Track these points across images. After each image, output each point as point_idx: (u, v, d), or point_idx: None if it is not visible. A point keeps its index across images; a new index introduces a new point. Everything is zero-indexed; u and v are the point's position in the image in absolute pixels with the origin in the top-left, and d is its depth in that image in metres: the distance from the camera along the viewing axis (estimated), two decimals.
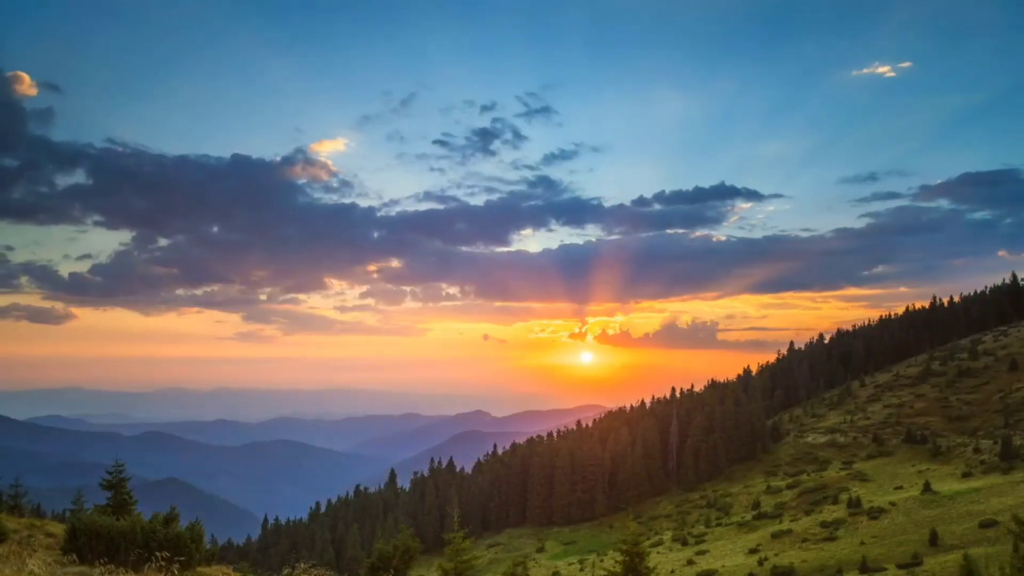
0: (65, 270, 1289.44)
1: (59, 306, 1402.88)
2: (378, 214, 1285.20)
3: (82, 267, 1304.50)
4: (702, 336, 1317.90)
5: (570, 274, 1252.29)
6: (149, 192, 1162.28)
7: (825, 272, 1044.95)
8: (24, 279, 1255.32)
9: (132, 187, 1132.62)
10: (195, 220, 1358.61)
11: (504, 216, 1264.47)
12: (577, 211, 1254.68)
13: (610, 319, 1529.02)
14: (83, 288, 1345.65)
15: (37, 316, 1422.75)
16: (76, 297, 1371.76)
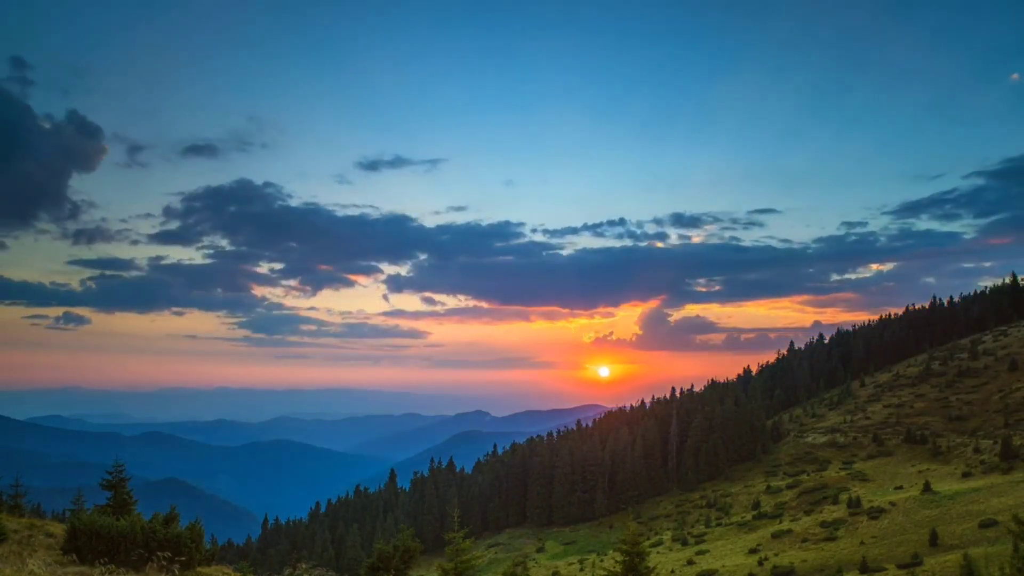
0: (91, 282, 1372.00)
1: (78, 311, 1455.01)
2: (379, 224, 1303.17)
3: (105, 277, 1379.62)
4: (687, 338, 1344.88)
5: (569, 279, 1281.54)
6: (170, 214, 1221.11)
7: (796, 279, 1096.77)
8: (50, 289, 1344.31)
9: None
10: (208, 236, 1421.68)
11: (503, 230, 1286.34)
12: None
13: (606, 321, 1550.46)
14: (102, 297, 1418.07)
15: (55, 322, 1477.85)
16: (92, 304, 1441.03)
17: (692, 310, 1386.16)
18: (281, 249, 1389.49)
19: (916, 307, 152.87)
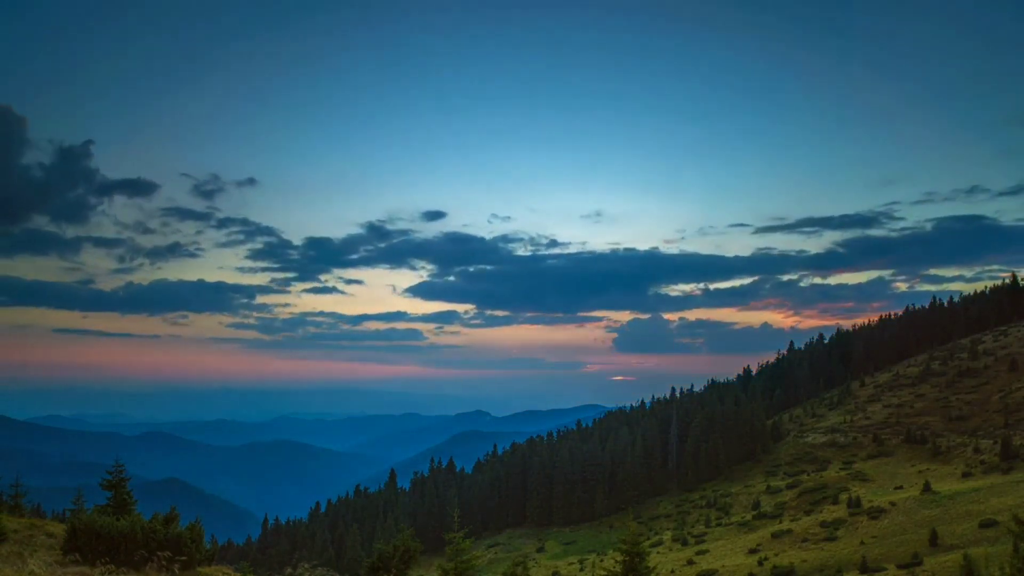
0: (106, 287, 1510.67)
1: (94, 316, 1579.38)
2: (383, 234, 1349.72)
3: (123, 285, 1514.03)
4: (679, 340, 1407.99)
5: (569, 283, 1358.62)
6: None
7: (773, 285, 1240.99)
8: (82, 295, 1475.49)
9: None
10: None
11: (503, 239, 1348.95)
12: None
13: (604, 323, 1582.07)
14: (117, 301, 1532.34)
15: (62, 323, 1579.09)
16: (107, 308, 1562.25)
17: (681, 314, 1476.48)
18: (284, 259, 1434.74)
19: (916, 307, 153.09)
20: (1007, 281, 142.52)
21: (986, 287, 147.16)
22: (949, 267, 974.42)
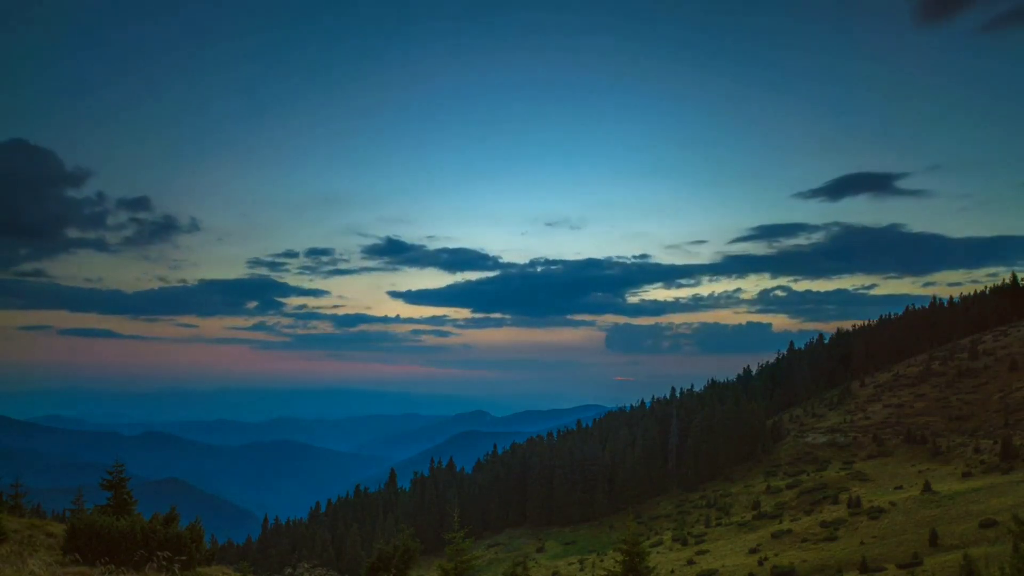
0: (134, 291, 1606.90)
1: (108, 319, 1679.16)
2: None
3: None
4: (673, 341, 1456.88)
5: (567, 287, 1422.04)
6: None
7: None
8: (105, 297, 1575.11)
9: None
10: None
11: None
12: None
13: (601, 324, 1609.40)
14: (132, 306, 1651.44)
15: (83, 328, 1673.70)
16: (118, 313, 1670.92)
17: (673, 317, 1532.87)
18: (286, 266, 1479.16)
19: (916, 307, 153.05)
20: (1006, 281, 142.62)
21: (986, 288, 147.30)
22: (925, 275, 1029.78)
